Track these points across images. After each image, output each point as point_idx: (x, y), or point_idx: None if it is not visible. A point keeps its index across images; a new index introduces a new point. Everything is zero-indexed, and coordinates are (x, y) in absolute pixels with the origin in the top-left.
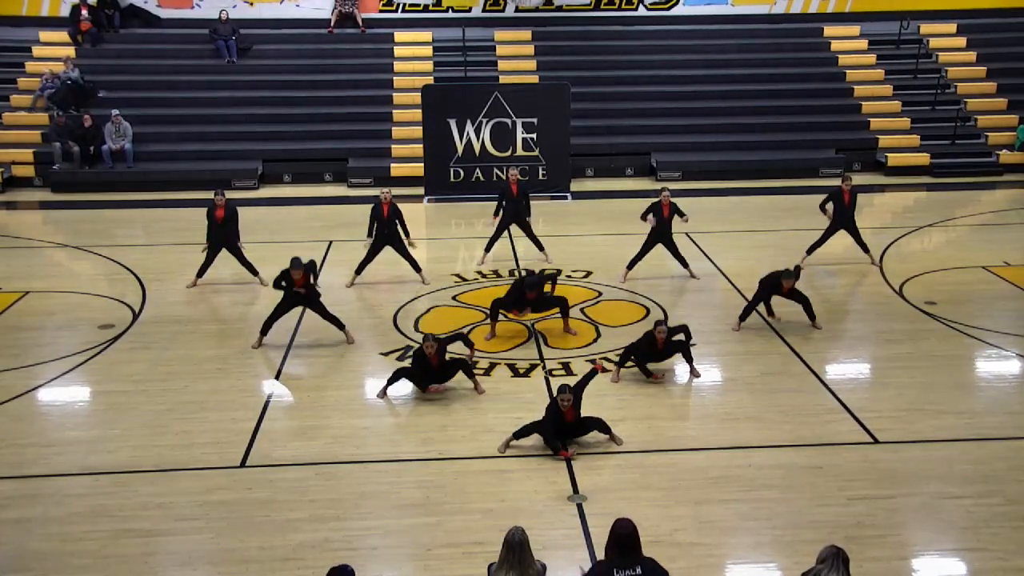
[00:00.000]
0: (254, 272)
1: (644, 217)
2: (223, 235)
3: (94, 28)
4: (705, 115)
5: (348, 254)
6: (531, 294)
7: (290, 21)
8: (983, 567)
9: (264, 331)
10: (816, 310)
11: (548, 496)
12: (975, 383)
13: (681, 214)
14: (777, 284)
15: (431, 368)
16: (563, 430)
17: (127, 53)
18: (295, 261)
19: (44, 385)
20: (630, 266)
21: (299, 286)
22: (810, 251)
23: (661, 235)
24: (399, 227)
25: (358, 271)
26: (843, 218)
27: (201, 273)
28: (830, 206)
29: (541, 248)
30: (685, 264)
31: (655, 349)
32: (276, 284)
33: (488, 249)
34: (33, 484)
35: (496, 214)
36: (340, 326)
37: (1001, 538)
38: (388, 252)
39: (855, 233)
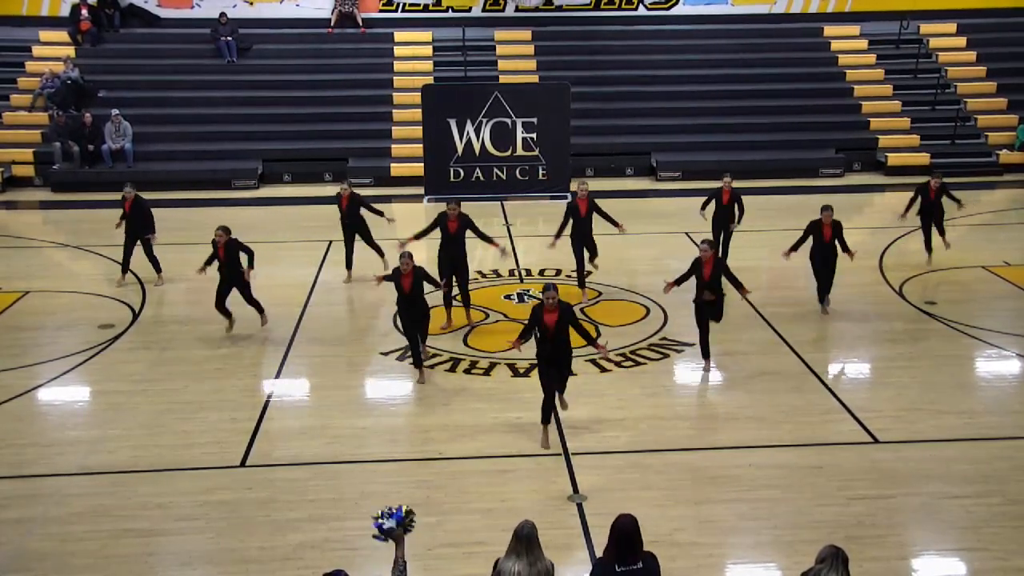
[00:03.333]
0: (158, 269)
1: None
2: (131, 226)
3: (94, 28)
4: (705, 115)
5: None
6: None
7: (290, 21)
8: (983, 567)
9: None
10: (815, 310)
11: (548, 496)
12: (975, 383)
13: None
14: (817, 225)
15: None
16: (544, 343)
17: (127, 53)
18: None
19: (44, 385)
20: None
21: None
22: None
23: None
24: (367, 212)
25: (347, 266)
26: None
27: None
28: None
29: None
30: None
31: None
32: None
33: (581, 284)
34: (33, 484)
35: (558, 236)
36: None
37: (1001, 538)
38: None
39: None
